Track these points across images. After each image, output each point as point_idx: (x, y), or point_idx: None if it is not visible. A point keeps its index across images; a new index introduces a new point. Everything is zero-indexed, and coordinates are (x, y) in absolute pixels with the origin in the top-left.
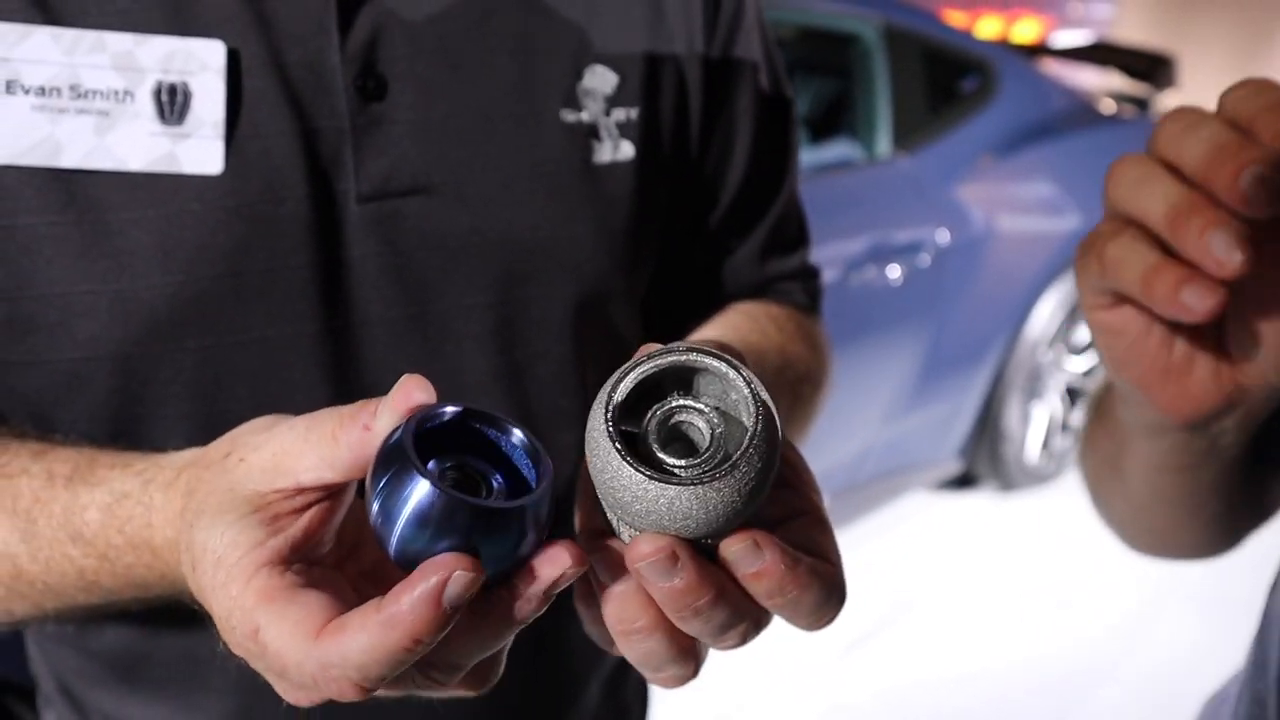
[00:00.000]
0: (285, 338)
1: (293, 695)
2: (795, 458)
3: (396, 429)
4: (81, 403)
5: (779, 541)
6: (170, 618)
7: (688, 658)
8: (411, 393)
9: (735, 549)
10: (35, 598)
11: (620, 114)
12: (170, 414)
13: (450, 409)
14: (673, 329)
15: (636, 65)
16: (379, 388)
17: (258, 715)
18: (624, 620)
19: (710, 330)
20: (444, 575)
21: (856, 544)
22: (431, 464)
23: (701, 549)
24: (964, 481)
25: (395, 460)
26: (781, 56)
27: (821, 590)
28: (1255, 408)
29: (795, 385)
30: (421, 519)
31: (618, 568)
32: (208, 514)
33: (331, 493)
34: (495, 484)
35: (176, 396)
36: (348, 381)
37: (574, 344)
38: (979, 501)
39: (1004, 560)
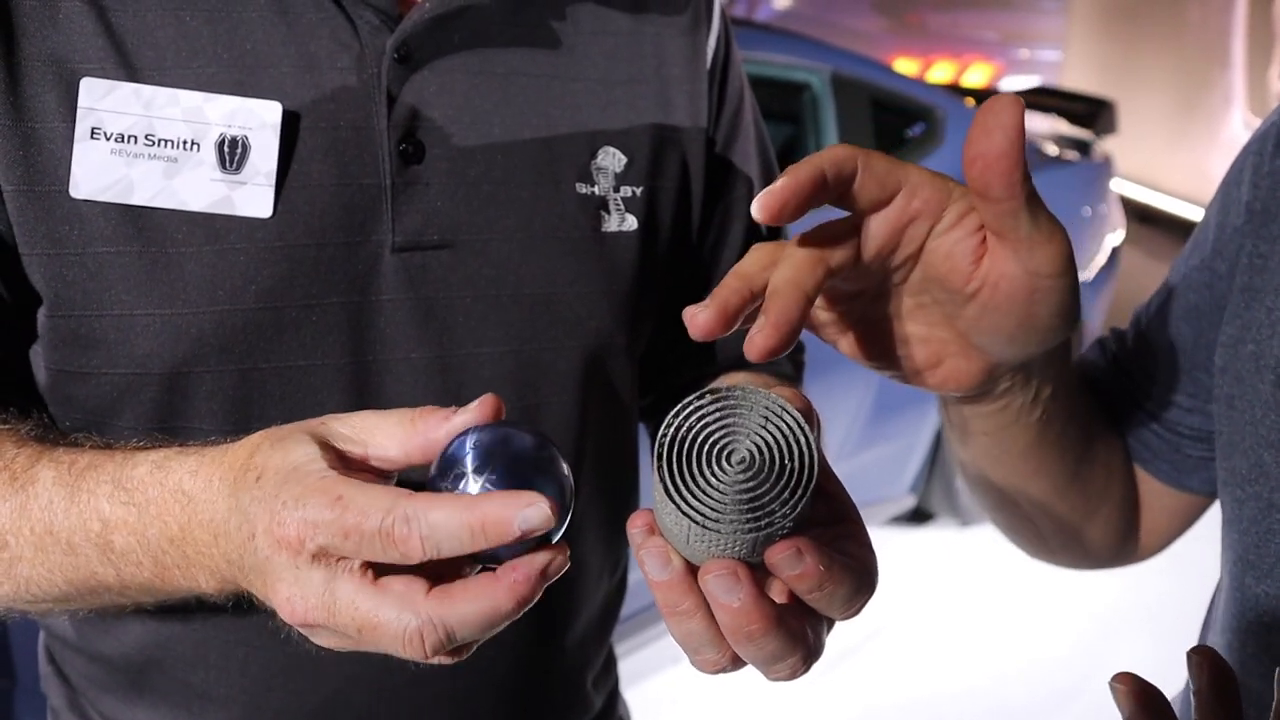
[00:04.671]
0: (317, 368)
1: (301, 602)
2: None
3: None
4: (131, 412)
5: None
6: (181, 622)
7: (722, 644)
8: (491, 404)
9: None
10: (56, 561)
11: (627, 190)
12: (207, 428)
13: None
14: (665, 390)
15: (644, 149)
16: None
17: None
18: (668, 604)
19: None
20: (531, 500)
21: None
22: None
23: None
24: (917, 517)
25: (501, 424)
26: (771, 148)
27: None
28: (1029, 376)
29: None
30: (522, 458)
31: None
32: (289, 440)
33: (381, 477)
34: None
35: (214, 413)
36: None
37: (576, 393)
38: (936, 535)
39: (963, 591)
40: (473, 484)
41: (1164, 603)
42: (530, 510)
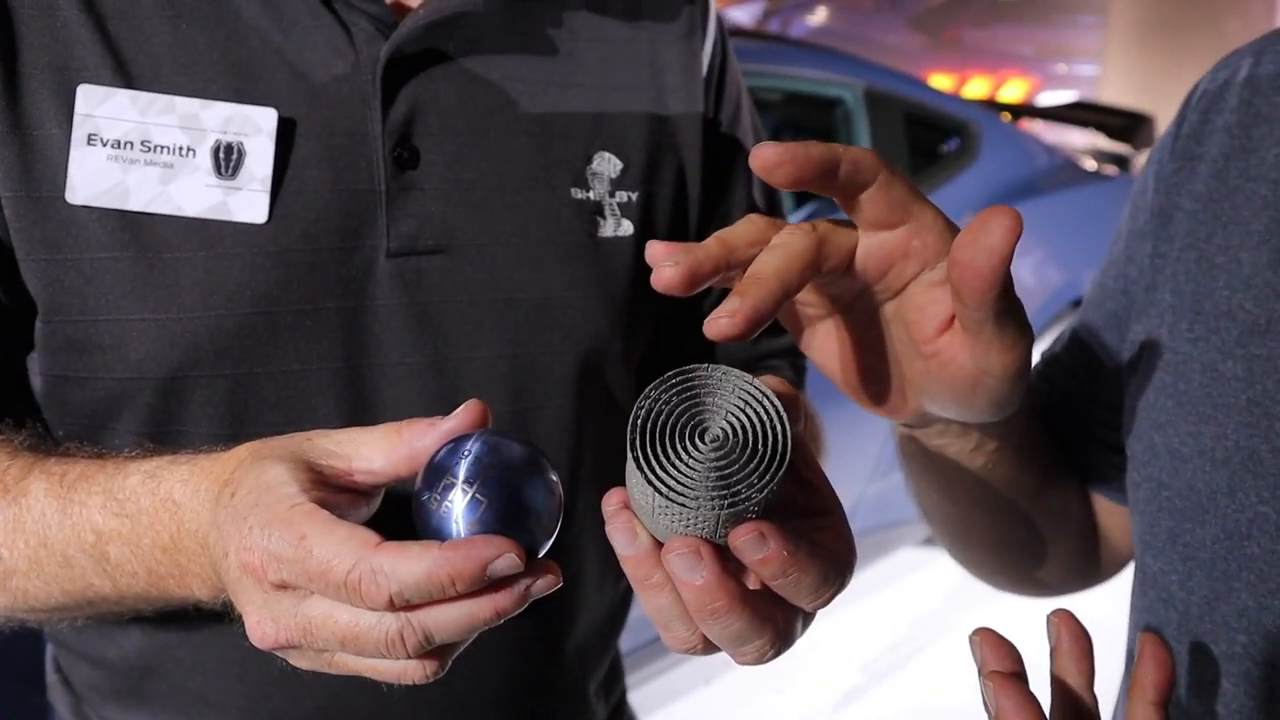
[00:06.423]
0: (312, 373)
1: (273, 625)
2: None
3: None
4: (126, 417)
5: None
6: (179, 628)
7: (691, 622)
8: (475, 410)
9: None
10: (52, 573)
11: (622, 196)
12: (202, 433)
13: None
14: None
15: (640, 154)
16: None
17: None
18: (637, 577)
19: None
20: (499, 550)
21: (850, 600)
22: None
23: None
24: None
25: (489, 433)
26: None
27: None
28: (966, 428)
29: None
30: (510, 467)
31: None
32: (269, 459)
33: (362, 494)
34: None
35: (209, 417)
36: (365, 418)
37: (572, 398)
38: None
39: (998, 609)
40: (460, 495)
41: None
42: (499, 562)
